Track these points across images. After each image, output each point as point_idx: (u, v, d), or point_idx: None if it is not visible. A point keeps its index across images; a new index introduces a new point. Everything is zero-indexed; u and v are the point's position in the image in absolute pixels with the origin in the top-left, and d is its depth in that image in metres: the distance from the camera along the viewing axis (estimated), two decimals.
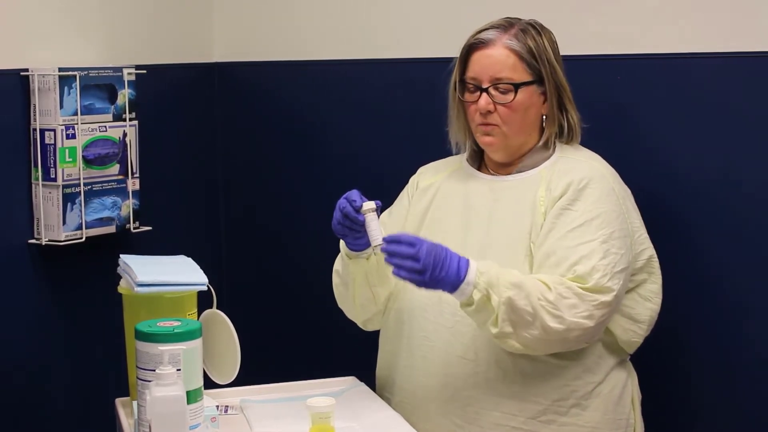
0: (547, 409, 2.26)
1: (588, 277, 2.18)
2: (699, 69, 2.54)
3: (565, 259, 2.20)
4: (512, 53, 2.31)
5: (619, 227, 2.25)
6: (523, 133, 2.35)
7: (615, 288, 2.19)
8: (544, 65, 2.33)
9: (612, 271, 2.19)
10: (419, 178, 2.52)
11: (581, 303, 2.16)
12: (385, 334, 2.44)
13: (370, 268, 2.35)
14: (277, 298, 3.38)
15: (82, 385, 2.97)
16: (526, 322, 2.15)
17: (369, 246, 2.23)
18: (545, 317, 2.14)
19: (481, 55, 2.32)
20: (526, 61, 2.32)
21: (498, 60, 2.31)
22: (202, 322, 2.25)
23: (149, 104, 3.07)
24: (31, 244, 2.82)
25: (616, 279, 2.20)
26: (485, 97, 2.31)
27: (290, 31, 3.31)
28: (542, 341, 2.17)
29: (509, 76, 2.31)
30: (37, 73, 2.77)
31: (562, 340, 2.18)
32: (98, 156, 2.87)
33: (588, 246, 2.20)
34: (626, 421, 2.34)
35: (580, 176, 2.28)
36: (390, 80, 2.47)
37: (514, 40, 2.32)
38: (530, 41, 2.33)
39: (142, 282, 2.24)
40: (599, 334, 2.25)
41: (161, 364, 1.95)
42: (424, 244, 2.11)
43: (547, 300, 2.14)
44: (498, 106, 2.31)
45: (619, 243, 2.23)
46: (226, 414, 2.28)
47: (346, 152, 3.21)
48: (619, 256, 2.22)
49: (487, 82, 2.31)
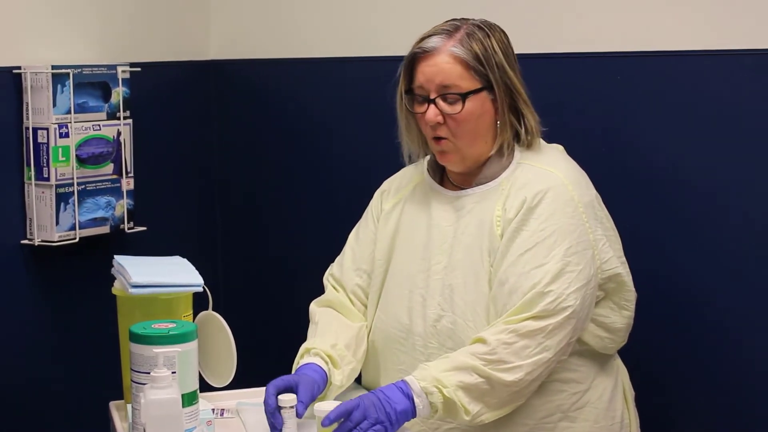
0: (534, 428, 2.22)
1: (537, 304, 2.13)
2: (688, 66, 2.53)
3: (517, 288, 2.15)
4: (457, 61, 2.23)
5: (576, 240, 2.19)
6: (478, 143, 2.28)
7: (572, 305, 2.14)
8: (492, 70, 2.24)
9: (566, 292, 2.14)
10: (382, 198, 2.46)
11: (531, 341, 2.12)
12: (365, 365, 2.41)
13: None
14: (274, 300, 3.41)
15: (76, 388, 3.00)
16: (485, 391, 2.11)
17: None
18: (500, 376, 2.10)
19: (426, 64, 2.24)
20: (472, 67, 2.23)
21: (443, 69, 2.23)
22: (198, 323, 2.24)
23: (144, 102, 3.10)
24: (24, 244, 2.85)
25: (572, 297, 2.14)
26: (433, 108, 2.23)
27: (286, 28, 3.33)
28: (514, 394, 2.14)
29: (456, 85, 2.22)
30: (30, 71, 2.79)
31: (532, 381, 2.15)
32: (92, 155, 2.88)
33: (540, 270, 2.15)
34: (620, 423, 2.31)
35: (535, 191, 2.21)
36: (387, 78, 2.51)
37: (459, 47, 2.23)
38: (477, 45, 2.24)
39: (136, 283, 2.22)
40: (568, 351, 2.20)
41: (156, 366, 1.94)
42: (364, 404, 2.07)
43: (490, 360, 2.10)
44: (447, 118, 2.23)
45: (576, 258, 2.17)
46: (222, 417, 2.27)
47: (342, 150, 3.23)
48: (576, 273, 2.16)
49: (434, 93, 2.23)
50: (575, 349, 2.23)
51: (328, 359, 2.25)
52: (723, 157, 2.52)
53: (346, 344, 2.31)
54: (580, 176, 2.28)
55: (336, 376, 2.24)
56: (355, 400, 2.07)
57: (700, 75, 2.54)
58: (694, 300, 2.58)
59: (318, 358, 2.24)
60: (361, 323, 2.39)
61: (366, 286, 2.42)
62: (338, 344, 2.29)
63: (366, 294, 2.42)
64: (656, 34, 2.61)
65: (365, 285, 2.42)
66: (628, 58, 2.64)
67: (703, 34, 2.53)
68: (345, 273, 2.43)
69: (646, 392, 2.45)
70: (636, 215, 2.59)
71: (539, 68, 2.52)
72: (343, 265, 2.44)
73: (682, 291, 2.60)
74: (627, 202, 2.54)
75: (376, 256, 2.40)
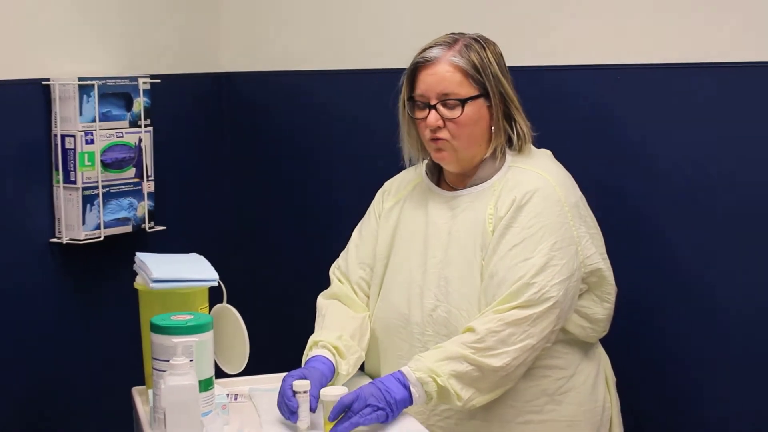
0: (522, 410, 2.24)
1: (522, 294, 2.14)
2: (667, 77, 2.53)
3: (505, 280, 2.17)
4: (457, 69, 2.24)
5: (561, 237, 2.20)
6: (474, 146, 2.28)
7: (555, 296, 2.15)
8: (488, 79, 2.25)
9: (550, 283, 2.15)
10: (384, 197, 2.47)
11: (516, 329, 2.13)
12: (367, 352, 2.38)
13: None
14: (284, 292, 3.37)
15: (101, 375, 2.97)
16: (476, 377, 2.12)
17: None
18: (488, 361, 2.11)
19: (427, 73, 2.25)
20: (471, 75, 2.25)
21: (444, 77, 2.24)
22: (213, 315, 2.25)
23: (163, 111, 3.07)
24: (53, 242, 2.83)
25: (556, 289, 2.16)
26: (434, 113, 2.24)
27: (291, 43, 3.29)
28: (502, 379, 2.15)
29: (456, 92, 2.24)
30: (58, 82, 2.78)
31: (518, 366, 2.15)
32: (115, 160, 2.87)
33: (527, 264, 2.16)
34: (602, 406, 2.32)
35: (524, 191, 2.22)
36: (389, 88, 2.39)
37: (458, 57, 2.24)
38: (474, 56, 2.26)
39: (156, 278, 2.23)
40: (552, 338, 2.21)
41: (175, 355, 1.95)
42: (363, 394, 2.06)
43: (478, 347, 2.11)
44: (447, 122, 2.24)
45: (561, 253, 2.18)
46: (235, 402, 2.27)
47: (345, 154, 3.19)
48: (560, 267, 2.17)
49: (434, 99, 2.24)
50: (560, 337, 2.24)
51: (335, 351, 2.24)
52: (699, 156, 2.50)
53: (351, 334, 2.30)
54: (567, 179, 2.29)
55: (342, 367, 2.23)
56: (354, 393, 2.06)
57: (682, 86, 2.51)
58: (672, 294, 2.58)
59: (325, 350, 2.24)
60: (365, 313, 2.38)
61: (369, 278, 2.41)
62: (344, 335, 2.28)
63: (369, 286, 2.41)
64: (632, 48, 2.58)
65: (368, 277, 2.41)
66: (605, 70, 2.62)
67: (675, 48, 2.51)
68: (350, 267, 2.43)
69: (627, 378, 2.46)
70: (618, 216, 2.58)
71: (529, 78, 2.51)
72: (347, 260, 2.44)
73: (660, 286, 2.60)
74: (609, 207, 2.51)
75: (378, 251, 2.40)
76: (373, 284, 2.41)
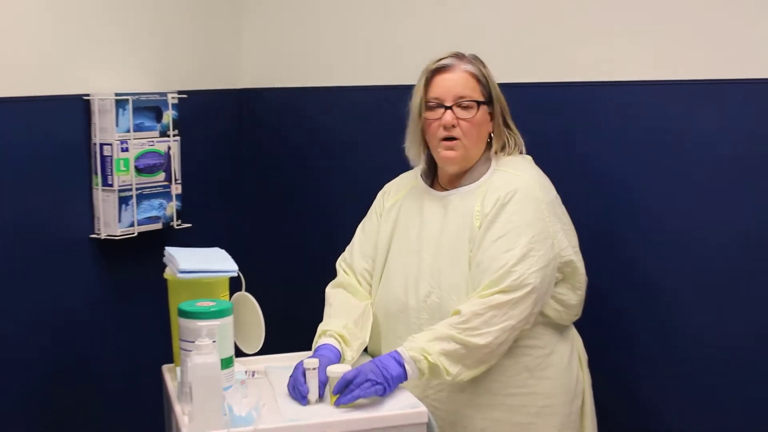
0: (506, 384, 2.30)
1: (504, 281, 2.21)
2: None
3: (489, 268, 2.23)
4: (471, 76, 2.33)
5: (538, 231, 2.26)
6: (478, 146, 2.35)
7: (533, 282, 2.21)
8: (492, 88, 2.35)
9: (529, 271, 2.21)
10: (384, 197, 2.51)
11: (498, 311, 2.19)
12: (371, 334, 2.42)
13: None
14: (296, 282, 3.42)
15: (135, 354, 3.03)
16: (462, 355, 2.18)
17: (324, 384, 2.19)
18: (473, 340, 2.17)
19: (444, 78, 2.33)
20: (481, 83, 2.34)
21: (459, 82, 2.32)
22: (233, 302, 2.32)
23: (190, 123, 3.13)
24: (92, 238, 2.88)
25: (534, 276, 2.22)
26: (449, 113, 2.30)
27: (308, 60, 3.31)
28: (486, 355, 2.21)
29: (470, 95, 2.32)
30: (97, 97, 2.82)
31: (501, 343, 2.21)
32: (147, 166, 2.93)
33: (508, 254, 2.23)
34: (576, 380, 2.40)
35: (507, 190, 2.28)
36: (397, 103, 2.50)
37: (470, 65, 2.34)
38: (481, 68, 2.36)
39: (184, 269, 2.29)
40: (532, 319, 2.26)
41: (200, 336, 2.01)
42: (364, 370, 2.11)
43: (464, 328, 2.17)
44: (460, 122, 2.30)
45: (538, 245, 2.24)
46: (253, 378, 2.33)
47: (352, 161, 3.24)
48: (538, 257, 2.23)
49: (450, 101, 2.30)
50: (539, 320, 2.32)
51: (341, 339, 2.30)
52: (662, 171, 2.59)
53: (355, 322, 2.37)
54: (544, 180, 2.38)
55: (348, 353, 2.29)
56: (355, 370, 2.12)
57: (654, 102, 2.59)
58: (638, 282, 2.67)
59: (332, 339, 2.30)
60: (367, 301, 2.45)
61: (371, 269, 2.48)
62: (348, 323, 2.34)
63: (371, 276, 2.48)
64: (613, 66, 2.65)
65: (370, 268, 2.48)
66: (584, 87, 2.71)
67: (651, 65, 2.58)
68: (354, 259, 2.50)
69: (597, 356, 2.54)
70: (591, 214, 2.66)
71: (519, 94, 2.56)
72: (352, 253, 2.52)
73: (627, 275, 2.69)
74: (582, 204, 2.58)
75: (379, 245, 2.47)
76: (374, 274, 2.48)
